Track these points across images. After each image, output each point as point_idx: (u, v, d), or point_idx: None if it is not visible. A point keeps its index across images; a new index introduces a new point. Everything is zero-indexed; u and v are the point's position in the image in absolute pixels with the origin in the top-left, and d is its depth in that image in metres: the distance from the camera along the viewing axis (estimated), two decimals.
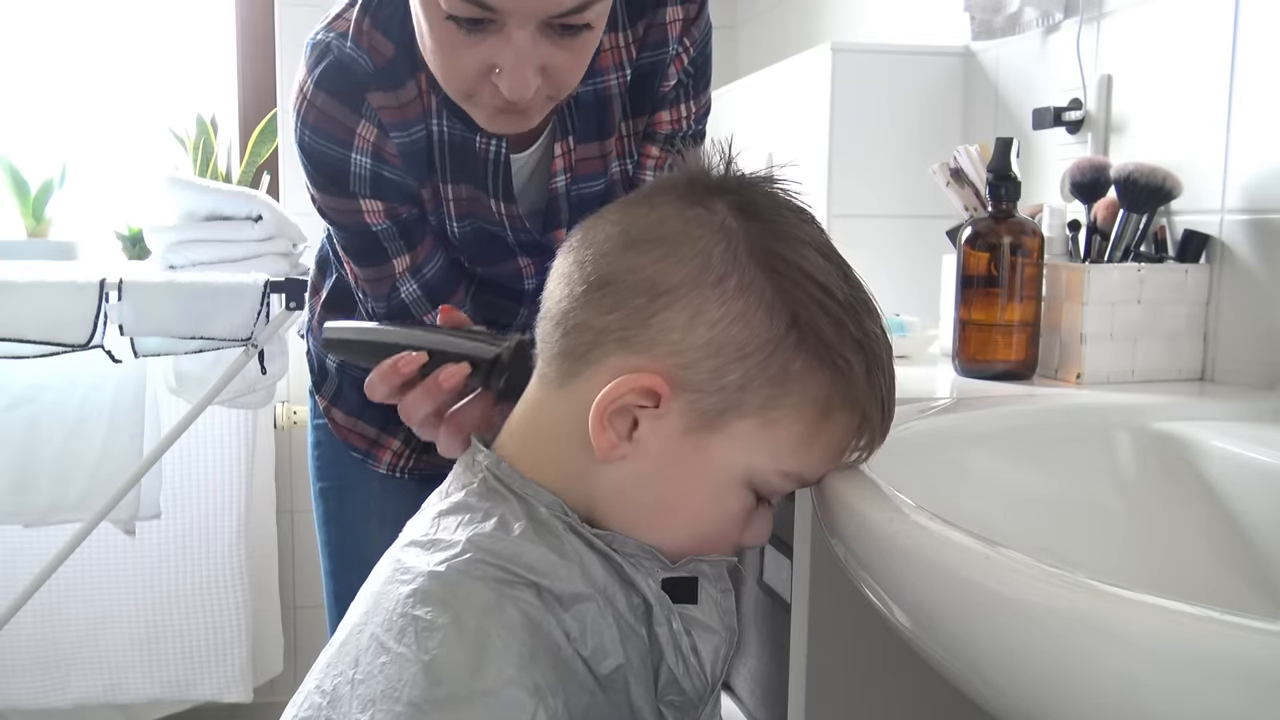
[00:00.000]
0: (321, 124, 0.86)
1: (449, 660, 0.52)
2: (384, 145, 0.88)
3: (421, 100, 0.89)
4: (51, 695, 2.02)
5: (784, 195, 0.62)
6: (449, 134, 0.91)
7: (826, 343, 0.58)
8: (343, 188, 0.88)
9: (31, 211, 2.09)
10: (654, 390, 0.58)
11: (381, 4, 0.87)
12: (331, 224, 0.92)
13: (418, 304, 0.94)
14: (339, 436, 1.11)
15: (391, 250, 0.92)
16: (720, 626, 0.60)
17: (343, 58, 0.86)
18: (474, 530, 0.57)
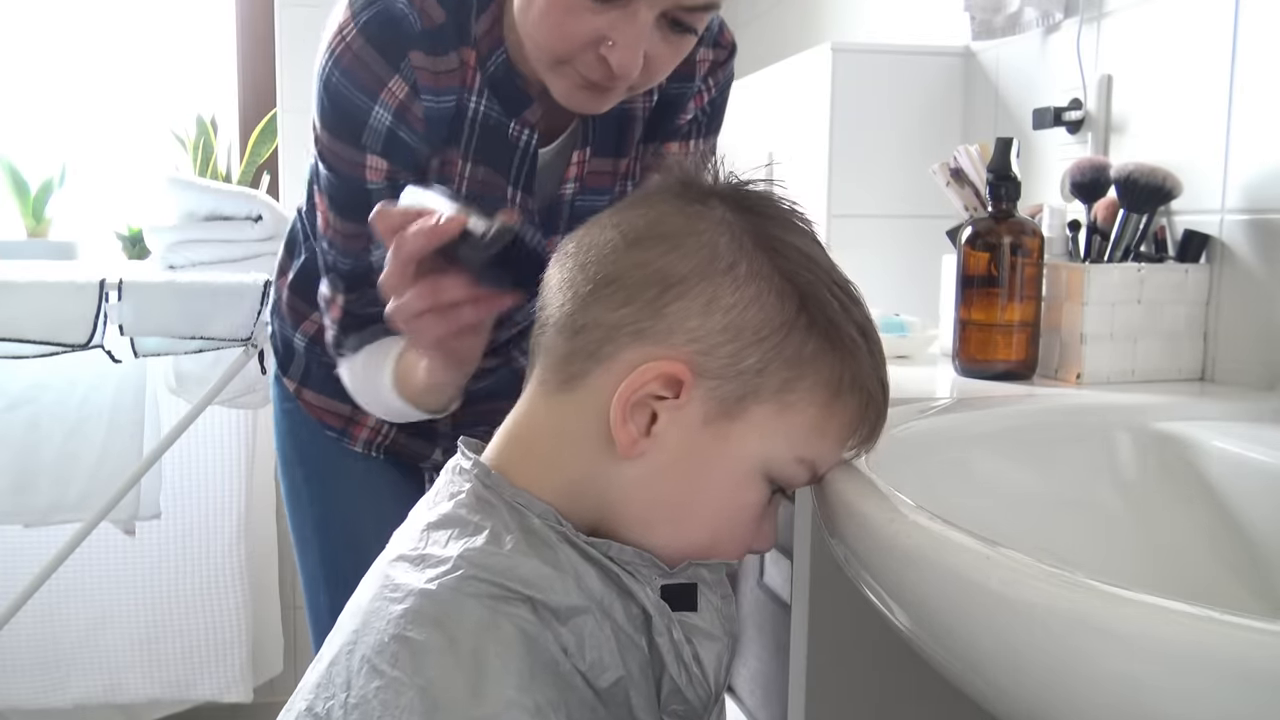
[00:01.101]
0: (355, 69, 0.85)
1: (447, 685, 0.51)
2: (411, 106, 0.87)
3: (463, 74, 0.89)
4: (51, 695, 2.02)
5: (776, 195, 0.63)
6: (485, 114, 0.91)
7: (835, 323, 0.59)
8: (354, 137, 0.87)
9: (31, 211, 2.10)
10: (676, 378, 0.57)
11: None
12: (326, 167, 0.90)
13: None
14: (313, 416, 1.10)
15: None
16: (722, 633, 0.60)
17: (394, 10, 0.84)
18: (465, 545, 0.56)
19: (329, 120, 0.87)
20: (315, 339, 1.06)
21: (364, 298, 0.92)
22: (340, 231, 0.91)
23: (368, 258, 0.91)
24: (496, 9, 0.88)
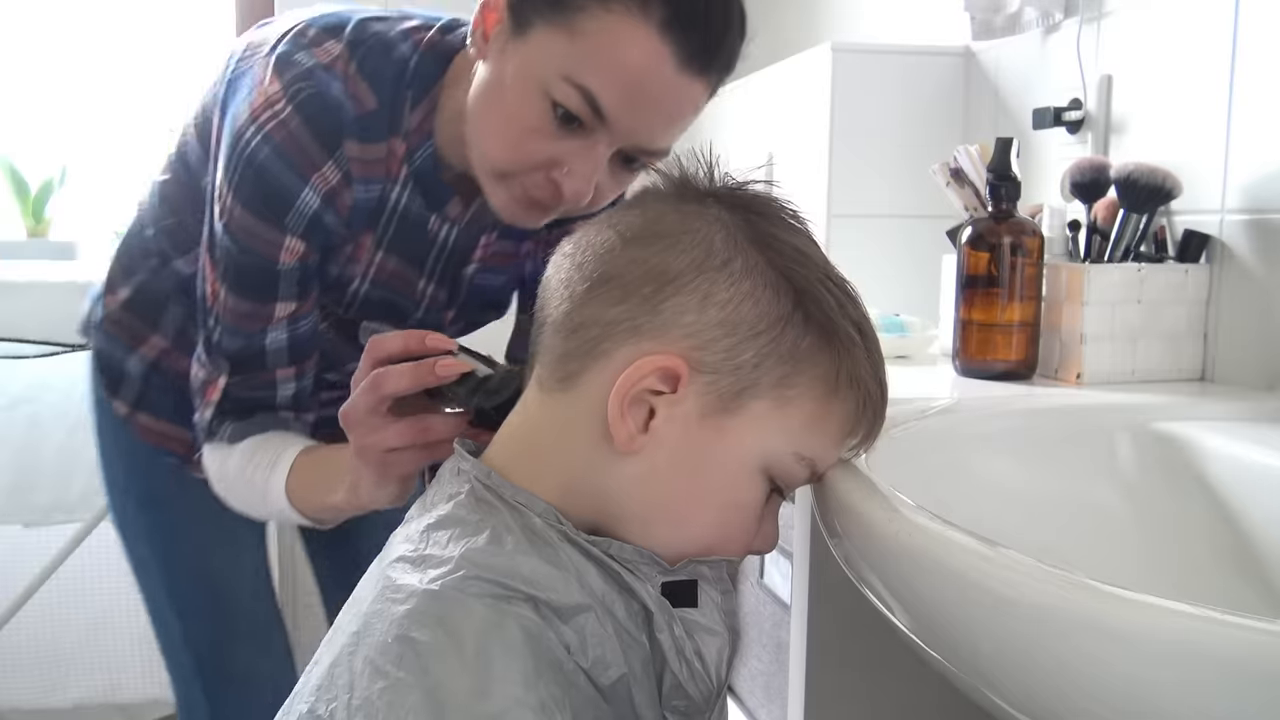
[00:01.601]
0: (288, 148, 0.82)
1: (452, 685, 0.51)
2: (341, 193, 0.85)
3: (390, 164, 0.87)
4: (51, 695, 2.02)
5: (771, 194, 0.63)
6: (405, 207, 0.90)
7: (831, 319, 0.59)
8: (278, 217, 0.83)
9: (31, 211, 2.10)
10: (672, 372, 0.57)
11: (369, 54, 0.85)
12: (234, 242, 0.84)
13: (277, 354, 0.88)
14: (148, 442, 1.03)
15: (283, 292, 0.86)
16: (722, 628, 0.60)
17: (330, 94, 0.82)
18: (467, 545, 0.56)
19: (251, 197, 0.82)
20: (157, 364, 1.02)
21: (249, 381, 0.89)
22: (233, 310, 0.86)
23: (261, 340, 0.87)
24: (430, 103, 0.87)
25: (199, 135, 0.93)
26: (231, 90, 0.86)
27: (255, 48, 0.88)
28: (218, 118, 0.87)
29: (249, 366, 0.88)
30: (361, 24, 0.87)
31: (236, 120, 0.83)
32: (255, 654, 1.08)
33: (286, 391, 0.90)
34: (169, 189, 0.98)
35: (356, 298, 0.94)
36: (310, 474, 0.85)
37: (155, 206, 0.99)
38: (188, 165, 0.95)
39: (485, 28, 0.80)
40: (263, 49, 0.86)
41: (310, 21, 0.87)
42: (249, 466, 0.87)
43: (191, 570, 1.05)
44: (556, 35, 0.75)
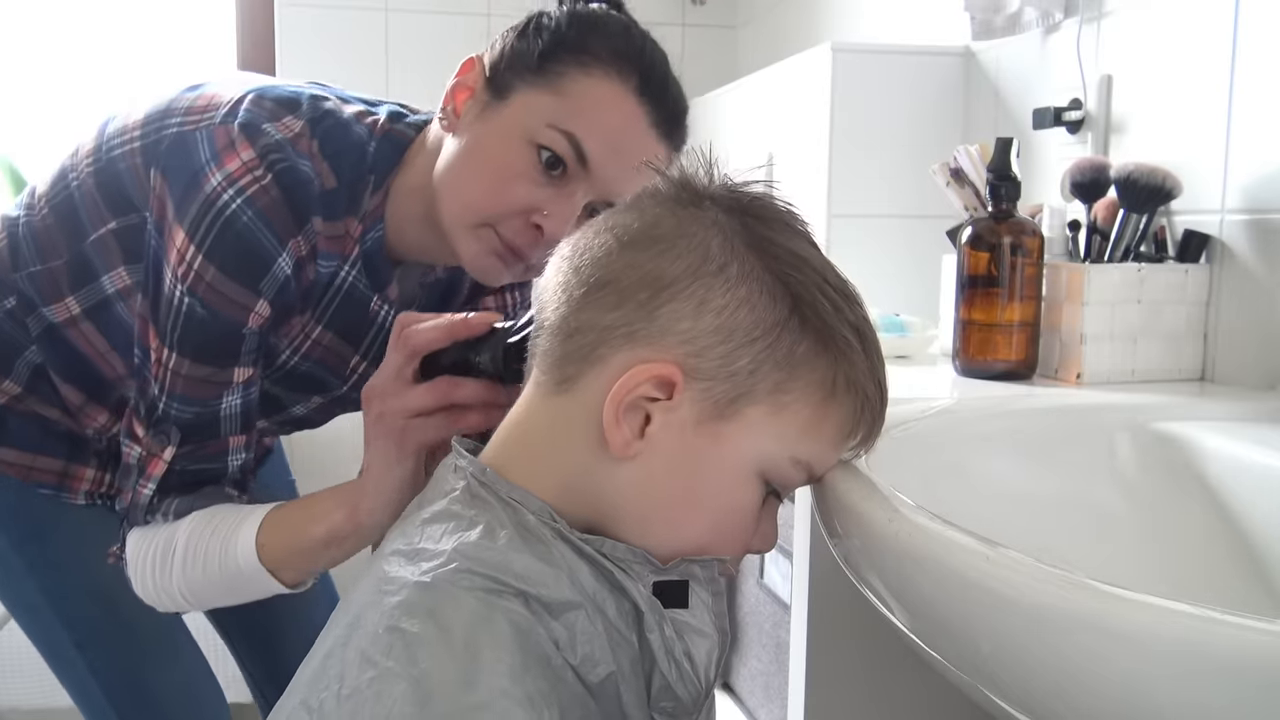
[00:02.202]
0: (271, 213, 0.81)
1: (439, 675, 0.51)
2: (306, 266, 0.86)
3: (344, 243, 0.89)
4: (51, 695, 2.01)
5: (770, 196, 0.63)
6: (350, 284, 0.91)
7: (828, 324, 0.59)
8: (252, 280, 0.82)
9: None
10: (668, 379, 0.57)
11: (330, 135, 0.87)
12: (201, 305, 0.81)
13: (230, 421, 0.86)
14: (15, 476, 0.98)
15: (244, 357, 0.84)
16: (712, 629, 0.60)
17: (301, 171, 0.83)
18: (460, 539, 0.56)
19: (228, 259, 0.81)
20: (9, 408, 0.97)
21: (198, 452, 0.85)
22: (189, 376, 0.83)
23: (216, 406, 0.84)
24: (386, 189, 0.90)
25: (100, 184, 0.89)
26: (173, 153, 0.84)
27: (188, 112, 0.86)
28: (155, 179, 0.84)
29: (201, 435, 0.85)
30: (314, 102, 0.88)
31: (204, 183, 0.81)
32: (164, 667, 1.05)
33: (237, 460, 0.87)
34: (45, 232, 0.92)
35: (282, 370, 0.94)
36: (286, 518, 0.83)
37: (18, 250, 0.94)
38: (75, 214, 0.91)
39: (456, 105, 0.86)
40: (210, 114, 0.84)
41: (260, 91, 0.87)
42: (205, 532, 0.83)
43: (84, 596, 1.01)
44: (540, 94, 0.83)
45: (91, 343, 0.93)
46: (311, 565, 0.84)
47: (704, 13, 2.30)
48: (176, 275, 0.81)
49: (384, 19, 2.24)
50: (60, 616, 1.01)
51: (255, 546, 0.81)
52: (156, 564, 0.85)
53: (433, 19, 2.25)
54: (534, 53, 0.83)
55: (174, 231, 0.82)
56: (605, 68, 0.83)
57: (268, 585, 0.83)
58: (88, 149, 0.91)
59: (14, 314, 0.95)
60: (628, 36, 0.85)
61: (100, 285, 0.91)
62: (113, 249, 0.89)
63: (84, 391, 0.96)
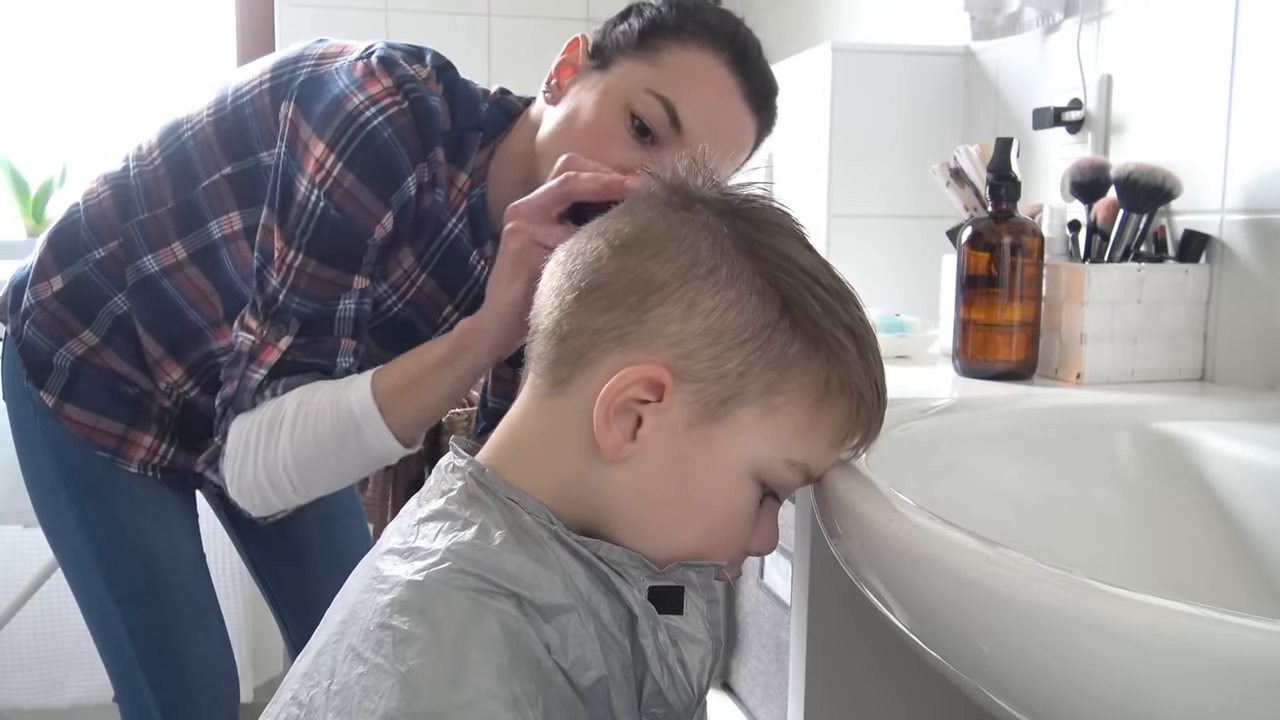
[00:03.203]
0: (407, 133, 0.87)
1: (427, 672, 0.51)
2: (426, 191, 0.91)
3: (451, 192, 0.94)
4: (51, 695, 2.02)
5: (763, 199, 0.63)
6: (456, 236, 0.95)
7: (820, 326, 0.59)
8: (387, 191, 0.87)
9: (31, 211, 2.10)
10: (657, 381, 0.58)
11: (452, 84, 0.94)
12: (335, 207, 0.86)
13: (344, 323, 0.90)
14: (78, 435, 1.02)
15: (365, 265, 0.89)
16: (706, 637, 0.60)
17: (430, 104, 0.89)
18: (454, 539, 0.56)
19: (367, 167, 0.86)
20: (85, 359, 1.01)
21: (313, 346, 0.89)
22: (316, 275, 0.87)
23: (334, 305, 0.89)
24: (490, 150, 0.96)
25: (219, 131, 0.95)
26: (309, 87, 0.89)
27: (322, 58, 0.92)
28: (289, 110, 0.89)
29: (318, 329, 0.89)
30: (438, 56, 0.95)
31: (346, 101, 0.86)
32: (195, 637, 1.09)
33: (345, 363, 0.91)
34: (155, 182, 0.97)
35: (384, 316, 0.97)
36: (402, 359, 0.87)
37: (128, 200, 0.99)
38: (189, 162, 0.96)
39: (560, 79, 0.92)
40: (341, 58, 0.91)
41: (388, 43, 0.93)
42: (316, 395, 0.86)
43: (130, 557, 1.05)
44: (639, 64, 0.88)
45: (197, 285, 0.97)
46: (423, 398, 0.85)
47: None
48: (315, 182, 0.86)
49: (384, 19, 2.24)
50: (105, 573, 1.05)
51: (370, 384, 0.85)
52: (263, 436, 0.87)
53: (433, 19, 2.25)
54: (635, 29, 0.89)
55: (313, 144, 0.87)
56: (701, 42, 0.88)
57: (380, 432, 0.85)
58: (209, 101, 0.97)
59: (104, 264, 1.00)
60: (723, 17, 0.92)
61: (208, 230, 0.96)
62: (225, 194, 0.95)
63: (165, 344, 1.00)
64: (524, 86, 1.02)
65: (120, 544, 1.05)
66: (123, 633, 1.06)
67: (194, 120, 0.97)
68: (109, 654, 1.08)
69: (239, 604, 2.06)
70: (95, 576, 1.05)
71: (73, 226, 1.02)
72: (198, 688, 1.09)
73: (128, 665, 1.07)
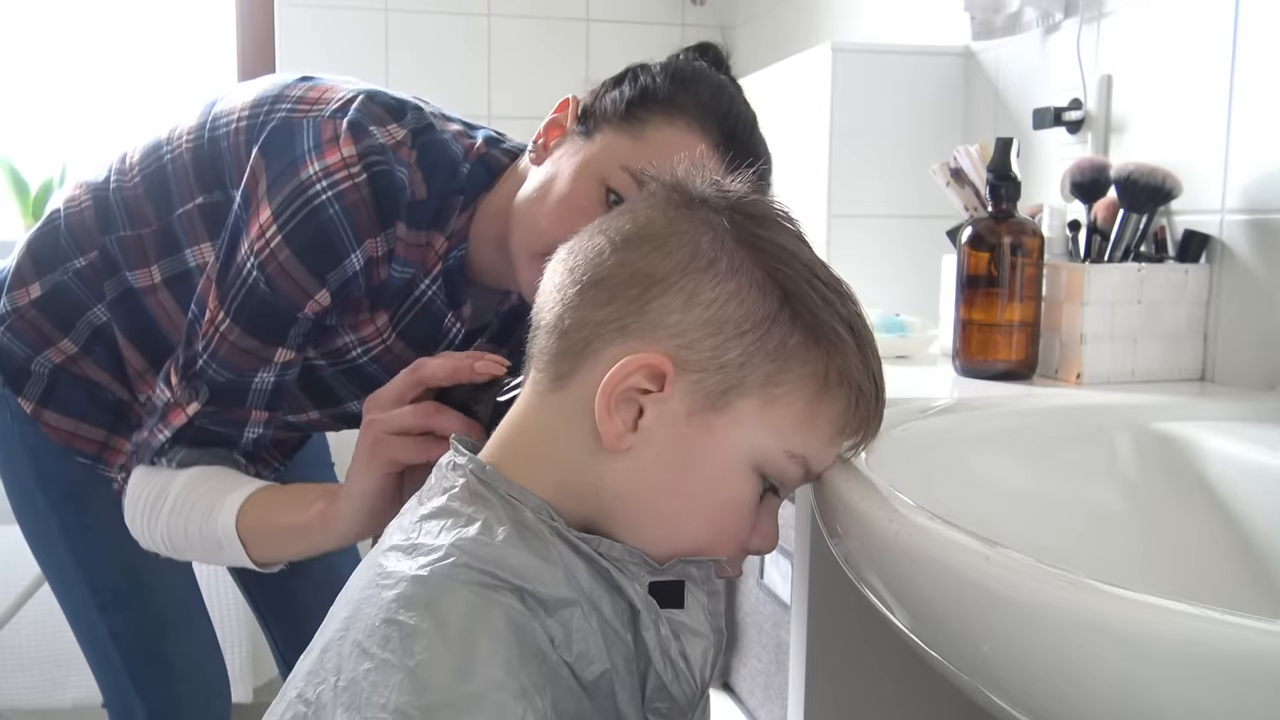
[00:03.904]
0: (356, 211, 0.85)
1: (435, 666, 0.51)
2: (379, 266, 0.89)
3: (426, 254, 0.92)
4: (51, 695, 2.02)
5: (759, 196, 0.64)
6: (428, 298, 0.94)
7: (819, 318, 0.60)
8: (323, 270, 0.85)
9: (31, 211, 2.10)
10: (658, 370, 0.58)
11: (428, 148, 0.91)
12: (266, 282, 0.85)
13: (259, 396, 0.90)
14: (58, 441, 1.01)
15: (290, 340, 0.88)
16: (708, 630, 0.60)
17: (397, 177, 0.87)
18: (457, 535, 0.57)
19: (304, 245, 0.84)
20: (63, 368, 1.00)
21: (220, 415, 0.89)
22: (237, 344, 0.87)
23: (250, 378, 0.88)
24: (473, 211, 0.94)
25: (196, 160, 0.93)
26: (277, 136, 0.88)
27: (299, 101, 0.90)
28: (254, 157, 0.88)
29: (228, 400, 0.88)
30: (418, 114, 0.93)
31: (300, 169, 0.85)
32: (181, 641, 1.08)
33: (252, 434, 0.91)
34: (135, 200, 0.96)
35: (350, 364, 0.97)
36: (271, 498, 0.86)
37: (108, 213, 0.97)
38: (166, 185, 0.95)
39: (547, 140, 0.90)
40: (320, 107, 0.89)
41: (370, 94, 0.91)
42: (199, 488, 0.87)
43: (112, 563, 1.04)
44: (621, 137, 0.86)
45: (167, 311, 0.97)
46: (280, 550, 0.86)
47: (704, 13, 2.30)
48: (253, 248, 0.85)
49: (384, 19, 2.24)
50: (87, 580, 1.04)
51: (236, 515, 0.84)
52: (147, 507, 0.89)
53: (433, 19, 2.25)
54: (624, 98, 0.87)
55: (261, 207, 0.85)
56: (689, 119, 0.85)
57: (239, 555, 0.86)
58: (190, 125, 0.96)
59: (84, 274, 0.98)
60: (717, 93, 0.88)
61: (183, 257, 0.95)
62: (197, 224, 0.93)
63: (147, 357, 0.99)
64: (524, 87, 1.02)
65: (102, 550, 1.04)
66: (107, 639, 1.05)
67: (174, 143, 0.96)
68: (95, 660, 1.08)
69: (237, 605, 2.06)
70: (78, 583, 1.05)
71: (53, 233, 1.00)
72: (186, 692, 1.08)
73: (114, 672, 1.06)
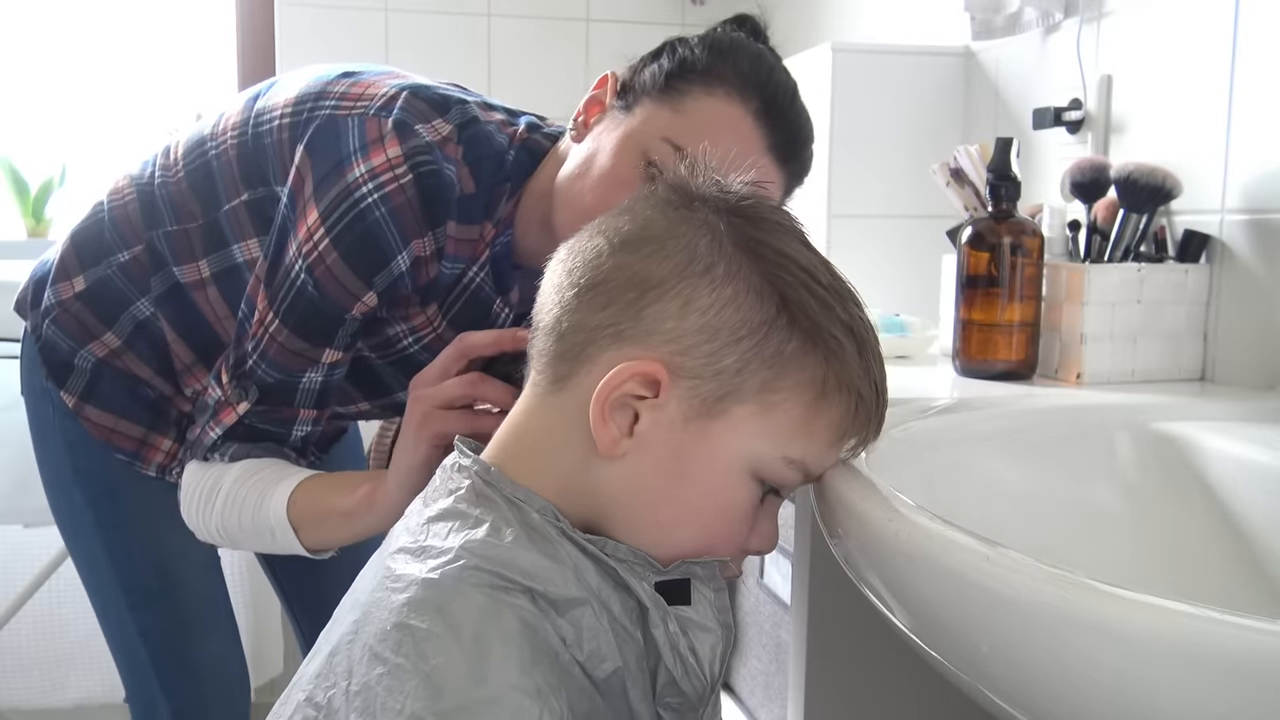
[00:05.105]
0: (402, 212, 0.85)
1: (450, 670, 0.51)
2: (428, 265, 0.89)
3: (476, 246, 0.92)
4: (51, 695, 2.02)
5: (763, 198, 0.63)
6: (476, 285, 0.94)
7: (817, 323, 0.59)
8: (370, 273, 0.86)
9: (31, 211, 2.10)
10: (653, 377, 0.58)
11: (474, 141, 0.90)
12: (314, 285, 0.85)
13: (307, 395, 0.90)
14: (97, 436, 1.01)
15: (338, 341, 0.89)
16: (716, 624, 0.60)
17: (445, 174, 0.87)
18: (466, 537, 0.57)
19: (351, 248, 0.85)
20: (106, 362, 1.00)
21: (270, 414, 0.90)
22: (285, 346, 0.87)
23: (299, 378, 0.89)
24: (518, 197, 0.93)
25: (241, 156, 0.94)
26: (322, 135, 0.87)
27: (343, 98, 0.90)
28: (299, 156, 0.88)
29: (277, 399, 0.89)
30: (462, 107, 0.92)
31: (347, 171, 0.85)
32: (208, 641, 1.09)
33: (300, 432, 0.92)
34: (180, 196, 0.97)
35: (401, 354, 0.97)
36: (320, 484, 0.87)
37: (153, 209, 0.98)
38: (211, 181, 0.95)
39: (587, 117, 0.90)
40: (364, 104, 0.88)
41: (413, 89, 0.91)
42: (251, 479, 0.88)
43: (144, 561, 1.04)
44: (661, 109, 0.85)
45: (213, 307, 0.97)
46: (330, 534, 0.87)
47: (704, 13, 2.30)
48: (301, 250, 0.85)
49: (384, 19, 2.24)
50: (119, 577, 1.05)
51: (287, 502, 0.85)
52: (202, 500, 0.90)
53: (433, 19, 2.25)
54: (663, 71, 0.87)
55: (308, 209, 0.85)
56: (728, 89, 0.85)
57: (291, 542, 0.87)
58: (233, 121, 0.95)
59: (128, 268, 0.99)
60: (756, 62, 0.88)
61: (231, 253, 0.95)
62: (244, 220, 0.94)
63: (195, 351, 1.00)
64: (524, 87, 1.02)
65: (135, 548, 1.05)
66: (135, 636, 1.06)
67: (219, 139, 0.96)
68: (121, 656, 1.08)
69: (239, 605, 2.06)
70: (109, 579, 1.05)
71: (96, 226, 1.01)
72: (209, 691, 1.09)
73: (139, 668, 1.07)
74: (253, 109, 0.95)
